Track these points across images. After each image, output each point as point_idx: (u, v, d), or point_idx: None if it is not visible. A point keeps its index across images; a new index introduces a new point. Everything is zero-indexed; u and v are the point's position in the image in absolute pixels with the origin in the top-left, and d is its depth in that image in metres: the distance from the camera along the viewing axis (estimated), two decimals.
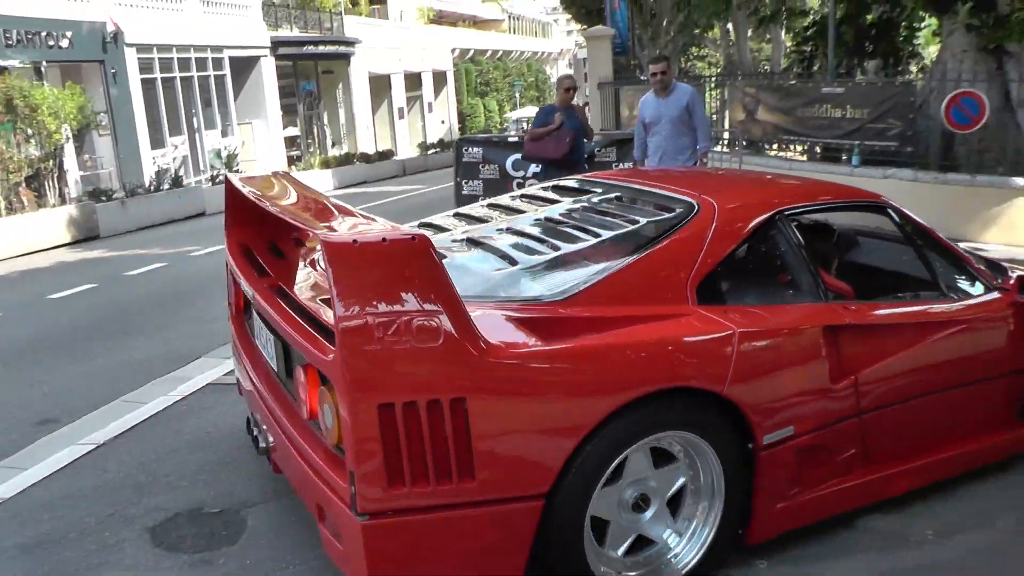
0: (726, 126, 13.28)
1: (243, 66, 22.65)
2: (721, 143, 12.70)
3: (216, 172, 19.46)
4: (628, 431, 2.34)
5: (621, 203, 3.21)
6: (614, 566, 2.50)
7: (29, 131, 14.02)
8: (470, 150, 10.01)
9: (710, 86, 13.98)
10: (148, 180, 16.96)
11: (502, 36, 48.54)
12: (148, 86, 18.80)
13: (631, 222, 2.90)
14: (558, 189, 3.63)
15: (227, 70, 21.97)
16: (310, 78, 26.92)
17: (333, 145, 27.49)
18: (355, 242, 2.12)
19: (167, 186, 16.58)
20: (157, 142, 19.05)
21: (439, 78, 36.40)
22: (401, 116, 32.29)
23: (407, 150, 30.68)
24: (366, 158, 25.62)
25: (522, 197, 3.71)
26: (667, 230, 2.75)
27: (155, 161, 18.64)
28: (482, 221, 3.38)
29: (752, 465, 2.55)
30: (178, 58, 19.99)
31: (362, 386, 2.06)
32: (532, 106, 38.57)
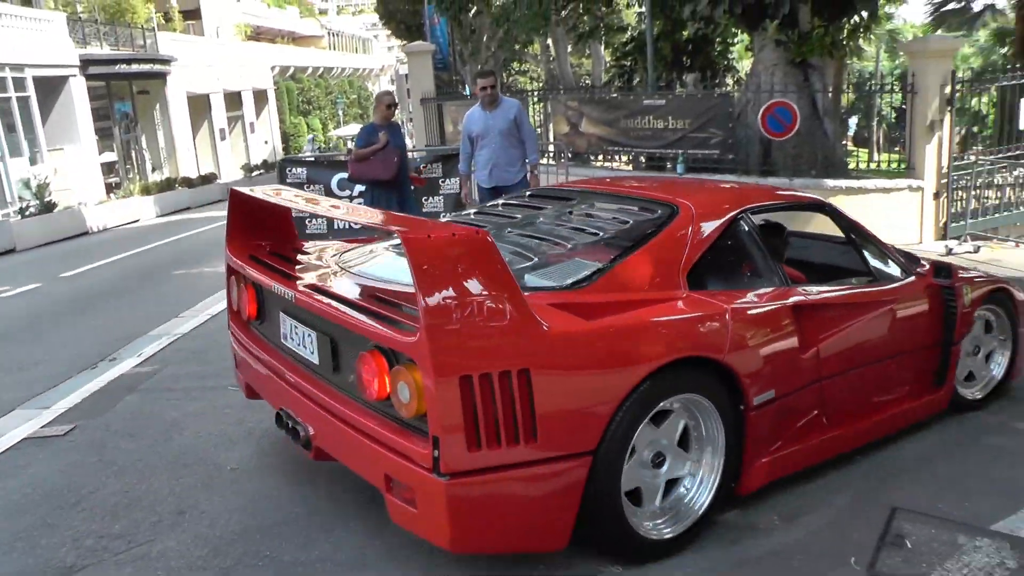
0: (551, 139, 13.62)
1: (50, 87, 21.00)
2: (547, 155, 12.96)
3: (26, 204, 17.89)
4: (654, 393, 2.76)
5: (609, 207, 3.64)
6: (649, 518, 2.90)
7: None
8: (294, 171, 9.76)
9: (533, 100, 14.32)
10: None
11: (322, 53, 47.94)
12: None
13: (623, 222, 3.36)
14: (543, 198, 4.02)
15: (31, 91, 20.24)
16: (125, 99, 25.38)
17: (153, 170, 26.02)
18: (429, 236, 2.42)
19: None
20: None
21: (260, 96, 35.42)
22: (223, 137, 31.12)
23: (231, 172, 29.64)
24: (189, 183, 24.64)
25: (513, 205, 4.01)
26: (658, 227, 3.22)
27: None
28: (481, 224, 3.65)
29: (743, 424, 3.04)
30: None
31: (446, 361, 2.36)
32: (356, 123, 38.46)
